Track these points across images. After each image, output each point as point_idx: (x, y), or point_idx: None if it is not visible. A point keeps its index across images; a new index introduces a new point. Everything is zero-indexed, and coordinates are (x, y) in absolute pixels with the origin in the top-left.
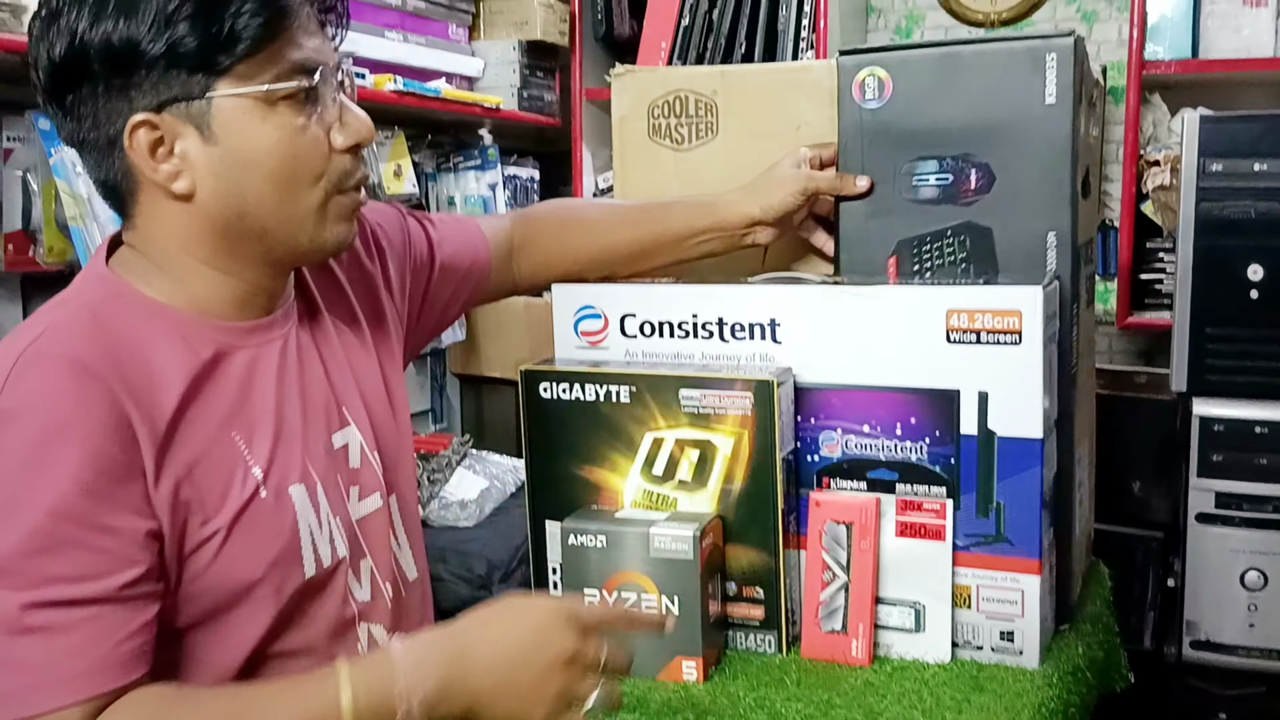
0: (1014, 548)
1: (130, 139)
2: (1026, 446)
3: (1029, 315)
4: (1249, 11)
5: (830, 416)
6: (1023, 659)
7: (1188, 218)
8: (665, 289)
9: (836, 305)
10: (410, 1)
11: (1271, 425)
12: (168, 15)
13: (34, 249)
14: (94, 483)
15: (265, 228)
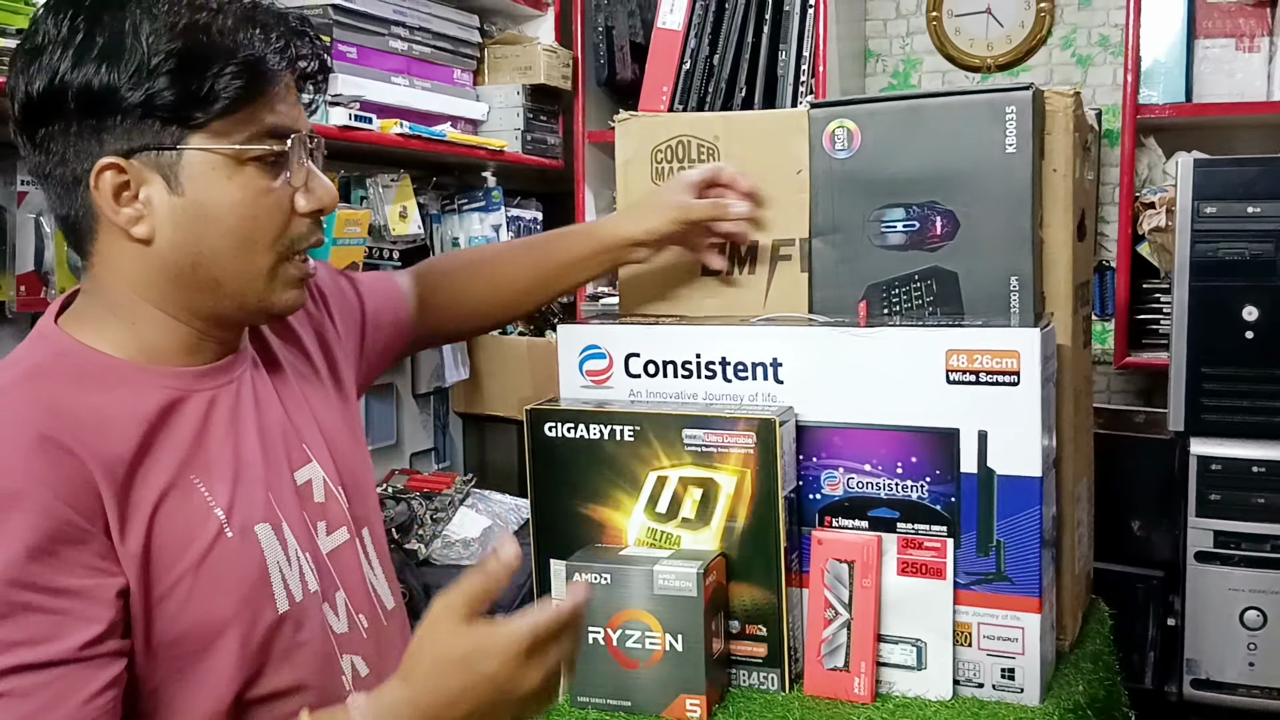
0: (1014, 586)
1: (96, 179)
2: (1026, 485)
3: (1027, 356)
4: (1242, 56)
5: (832, 455)
6: (1023, 696)
7: (1183, 259)
8: (669, 329)
9: (838, 346)
10: (416, 48)
11: (1269, 464)
12: (151, 67)
13: (46, 291)
14: (46, 546)
15: (217, 280)
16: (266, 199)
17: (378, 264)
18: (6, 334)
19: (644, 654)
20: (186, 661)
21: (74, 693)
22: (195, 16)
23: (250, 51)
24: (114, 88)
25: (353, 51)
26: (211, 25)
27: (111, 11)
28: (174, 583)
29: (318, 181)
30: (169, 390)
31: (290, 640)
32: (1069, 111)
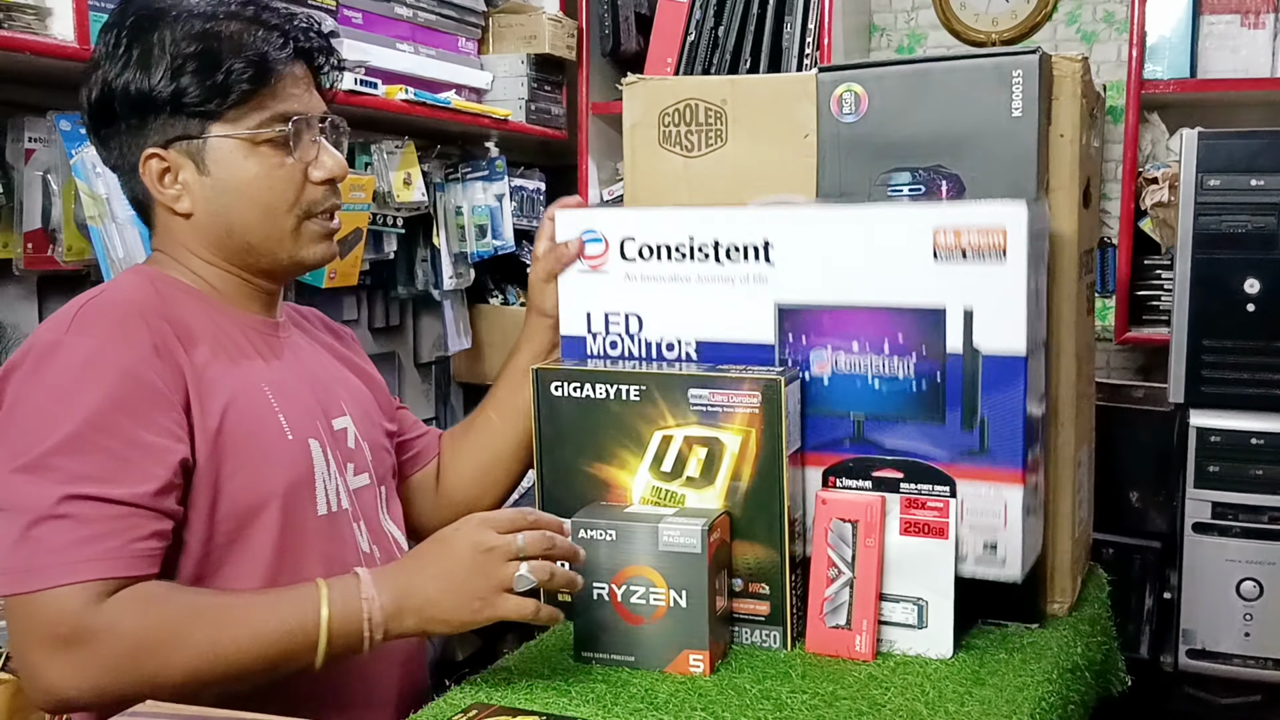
0: (996, 460)
1: (144, 167)
2: (1011, 363)
3: (1014, 232)
4: (1246, 32)
5: (821, 335)
6: (1004, 570)
7: (1186, 232)
8: (663, 212)
9: (827, 226)
10: (422, 15)
11: (1268, 436)
12: (175, 69)
13: (53, 248)
14: (131, 401)
15: (250, 243)
16: (280, 172)
17: (382, 230)
18: (13, 292)
19: (648, 610)
20: (238, 535)
21: (126, 531)
22: (208, 25)
23: (255, 50)
24: (149, 89)
25: (358, 17)
26: (222, 31)
27: (144, 27)
28: (241, 463)
29: (327, 154)
30: (240, 321)
31: (326, 544)
32: (1077, 77)
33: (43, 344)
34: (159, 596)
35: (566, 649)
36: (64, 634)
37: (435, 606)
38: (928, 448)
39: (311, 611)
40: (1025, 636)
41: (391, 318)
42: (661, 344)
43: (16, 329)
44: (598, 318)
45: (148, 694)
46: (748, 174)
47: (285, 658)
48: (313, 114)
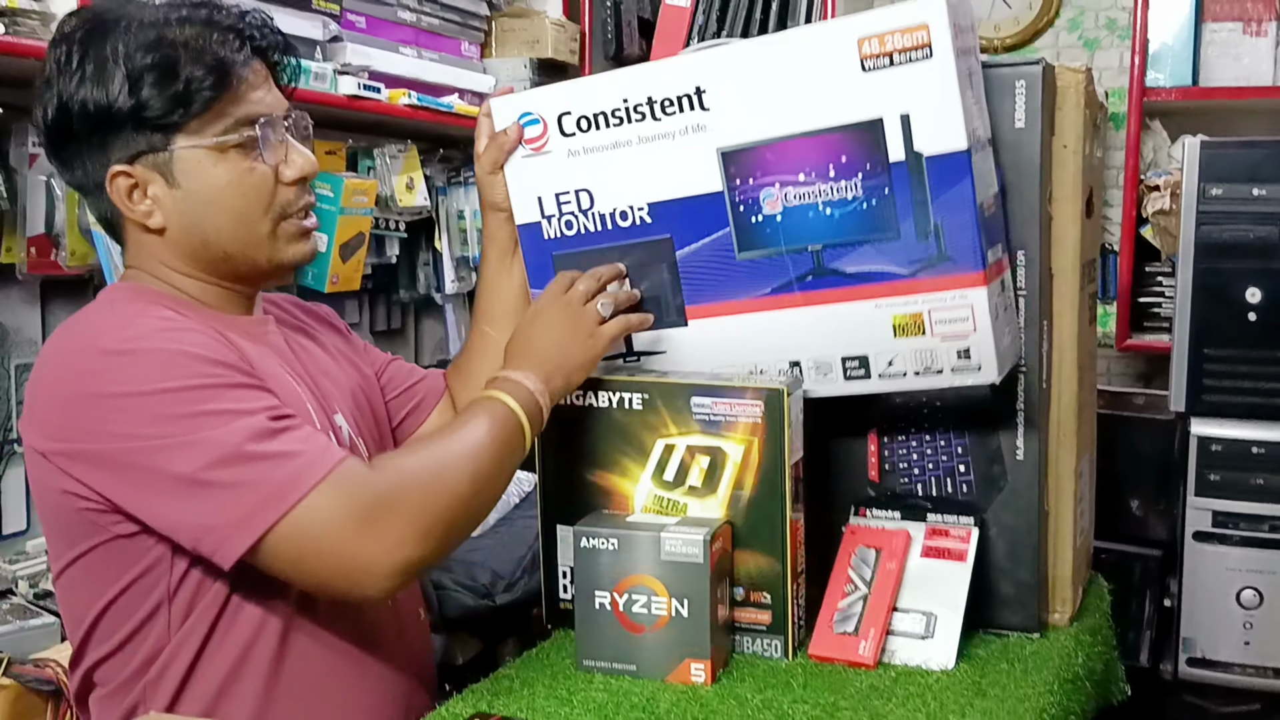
0: (956, 264)
1: (111, 185)
2: (954, 160)
3: (936, 26)
4: (1249, 40)
5: (767, 173)
6: (981, 374)
7: (1188, 241)
8: (594, 79)
9: (753, 59)
10: (425, 19)
11: (1268, 445)
12: (133, 83)
13: (56, 253)
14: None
15: (227, 251)
16: (251, 177)
17: (384, 234)
18: (16, 296)
19: (649, 619)
20: None
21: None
22: (161, 33)
23: (213, 55)
24: (107, 105)
25: (361, 21)
26: (176, 38)
27: (96, 39)
28: None
29: (296, 152)
30: (229, 323)
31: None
32: (1080, 88)
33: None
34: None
35: (568, 657)
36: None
37: (566, 360)
38: (888, 265)
39: (508, 413)
40: (1026, 646)
41: (393, 321)
42: (615, 214)
43: (19, 333)
44: (549, 200)
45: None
46: None
47: (508, 447)
48: (277, 113)
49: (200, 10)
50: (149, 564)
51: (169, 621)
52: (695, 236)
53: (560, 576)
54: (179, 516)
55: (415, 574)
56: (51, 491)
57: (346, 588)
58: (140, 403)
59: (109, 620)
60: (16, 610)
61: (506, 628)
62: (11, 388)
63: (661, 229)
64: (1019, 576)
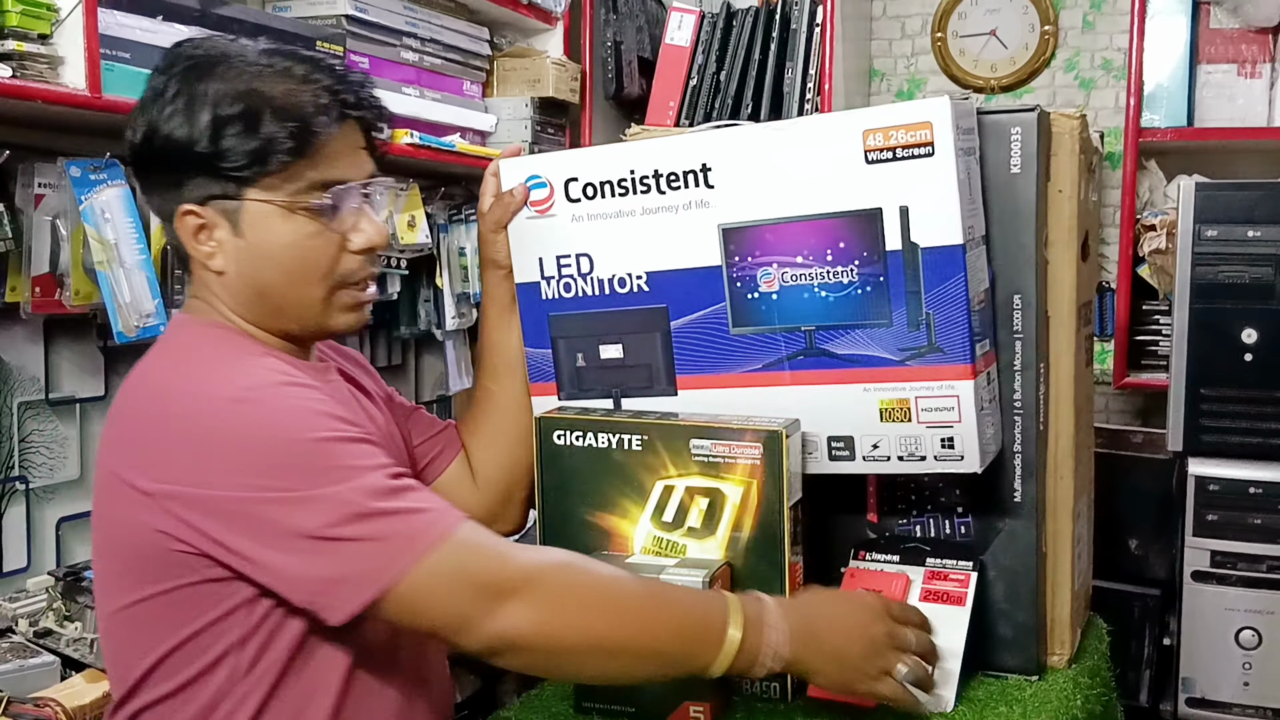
0: (945, 355)
1: (179, 221)
2: (949, 254)
3: (939, 125)
4: (1243, 82)
5: (766, 252)
6: (963, 464)
7: (1183, 282)
8: (601, 149)
9: (761, 142)
10: (427, 59)
11: (1266, 485)
12: (217, 129)
13: (60, 292)
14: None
15: (279, 307)
16: (316, 240)
17: (385, 272)
18: (20, 334)
19: None
20: None
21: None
22: (254, 85)
23: (299, 116)
24: (190, 144)
25: (365, 62)
26: (268, 91)
27: (194, 76)
28: None
29: (368, 221)
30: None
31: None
32: (1075, 133)
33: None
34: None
35: (567, 699)
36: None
37: (825, 665)
38: (879, 350)
39: (720, 622)
40: (1025, 688)
41: (394, 357)
42: (613, 280)
43: (23, 371)
44: (549, 262)
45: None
46: None
47: (688, 654)
48: (355, 180)
49: (300, 67)
50: (230, 608)
51: (234, 668)
52: (691, 308)
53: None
54: (297, 571)
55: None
56: (143, 528)
57: (453, 640)
58: (262, 453)
59: (174, 661)
60: (16, 649)
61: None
62: (15, 426)
63: (658, 298)
64: (1018, 618)
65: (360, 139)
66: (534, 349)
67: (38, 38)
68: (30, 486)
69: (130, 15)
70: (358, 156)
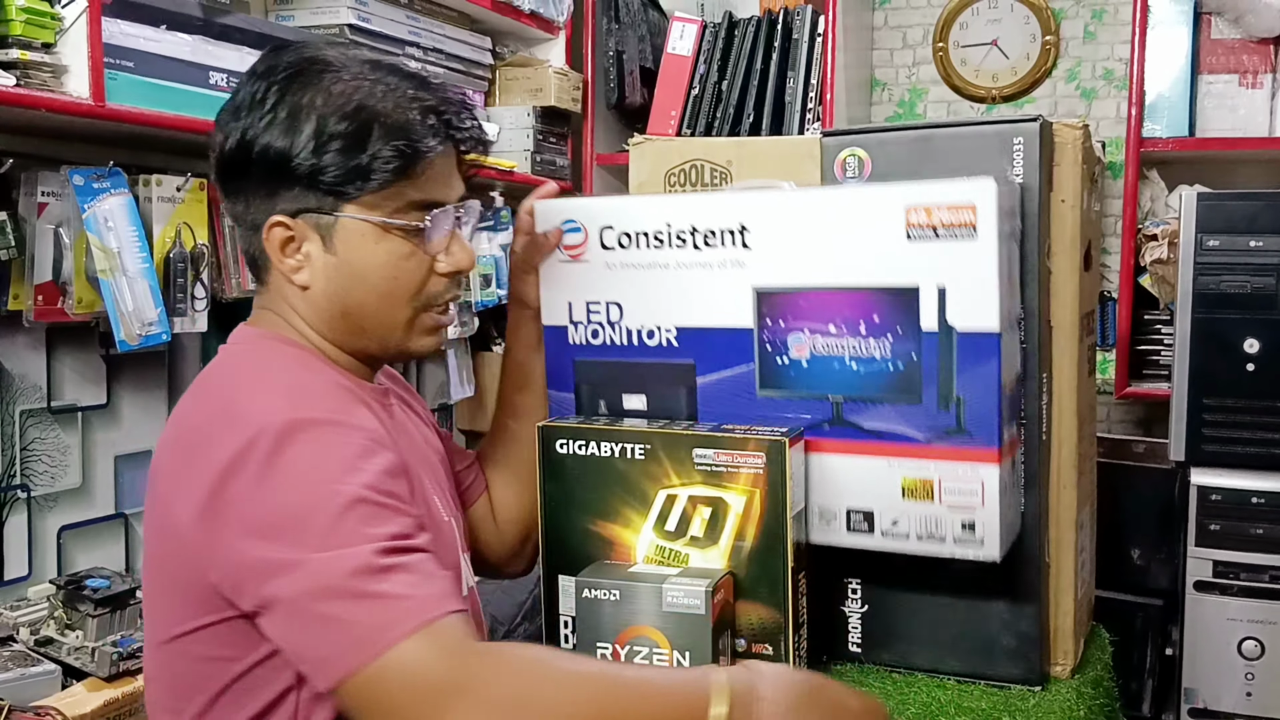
0: (973, 438)
1: (268, 233)
2: (984, 340)
3: (984, 209)
4: (1245, 92)
5: (799, 319)
6: (983, 550)
7: (1185, 292)
8: (640, 200)
9: (802, 209)
10: (430, 68)
11: (1268, 495)
12: (320, 143)
13: (63, 300)
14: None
15: (362, 327)
16: (408, 262)
17: None
18: (22, 342)
19: None
20: None
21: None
22: (362, 100)
23: (405, 137)
24: (288, 156)
25: None
26: (375, 108)
27: (297, 85)
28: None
29: (458, 245)
30: (363, 388)
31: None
32: (1077, 143)
33: (277, 425)
34: (540, 654)
35: None
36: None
37: None
38: (906, 427)
39: (701, 701)
40: (1029, 699)
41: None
42: (642, 332)
43: (25, 379)
44: (579, 307)
45: None
46: None
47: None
48: (451, 203)
49: (407, 85)
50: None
51: (296, 707)
52: (718, 366)
53: (561, 626)
54: (273, 633)
55: None
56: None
57: None
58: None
59: (233, 696)
60: (17, 657)
61: None
62: (16, 434)
63: (686, 354)
64: (1020, 629)
65: (454, 160)
66: (557, 391)
67: (42, 46)
68: (32, 495)
69: (134, 24)
70: (453, 178)
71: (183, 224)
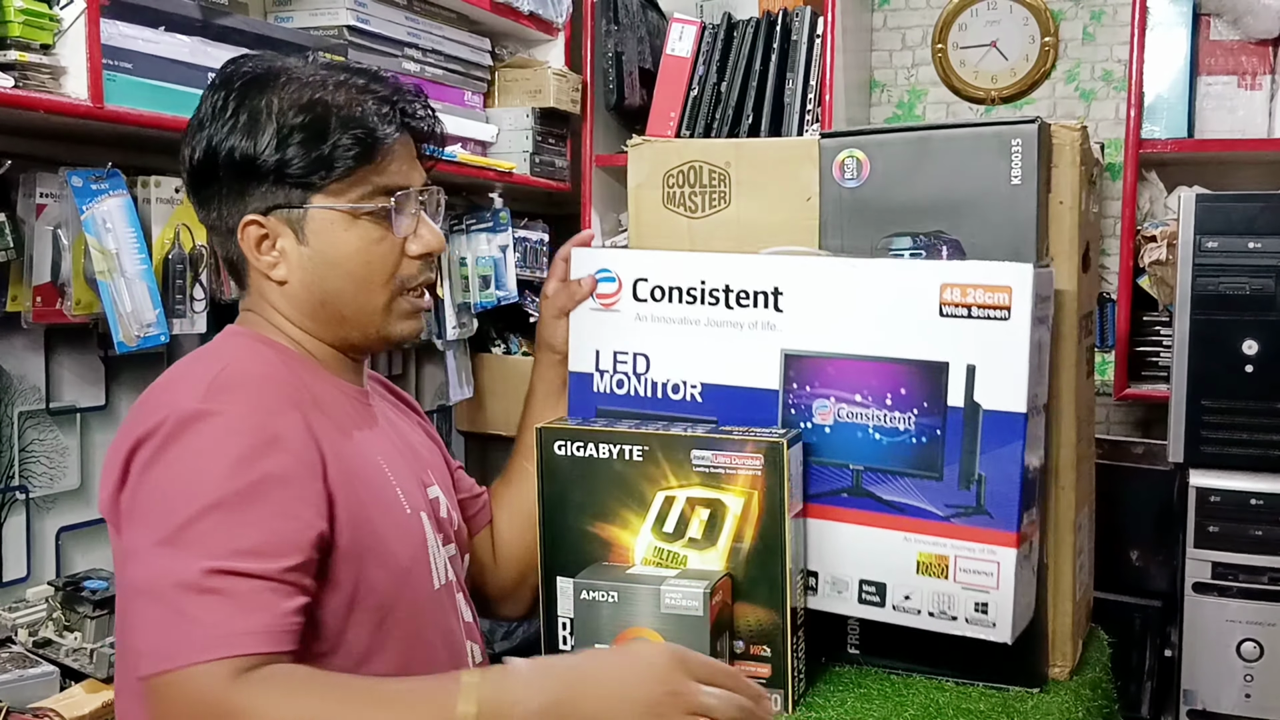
0: (992, 519)
1: (242, 232)
2: (1010, 421)
3: (1019, 292)
4: (1243, 93)
5: (825, 385)
6: (995, 631)
7: (1184, 293)
8: (677, 255)
9: (837, 277)
10: (429, 69)
11: (1267, 497)
12: (281, 139)
13: (61, 302)
14: (276, 472)
15: (342, 314)
16: (379, 246)
17: None
18: (20, 343)
19: None
20: (380, 616)
21: (274, 605)
22: (317, 95)
23: (362, 125)
24: (253, 156)
25: None
26: (330, 101)
27: (254, 91)
28: (375, 541)
29: (426, 228)
30: (339, 386)
31: (441, 617)
32: (1076, 145)
33: (180, 413)
34: (303, 678)
35: None
36: (208, 712)
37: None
38: (925, 502)
39: (448, 704)
40: (1027, 700)
41: (394, 367)
42: (667, 385)
43: (24, 380)
44: (606, 355)
45: None
46: (751, 236)
47: None
48: (414, 188)
49: (359, 78)
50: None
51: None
52: (741, 425)
53: (560, 628)
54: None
55: None
56: None
57: None
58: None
59: None
60: (16, 659)
61: None
62: (15, 435)
63: (709, 410)
64: None
65: (414, 150)
66: None
67: (40, 48)
68: (30, 496)
69: (132, 25)
70: (414, 166)
71: (181, 225)
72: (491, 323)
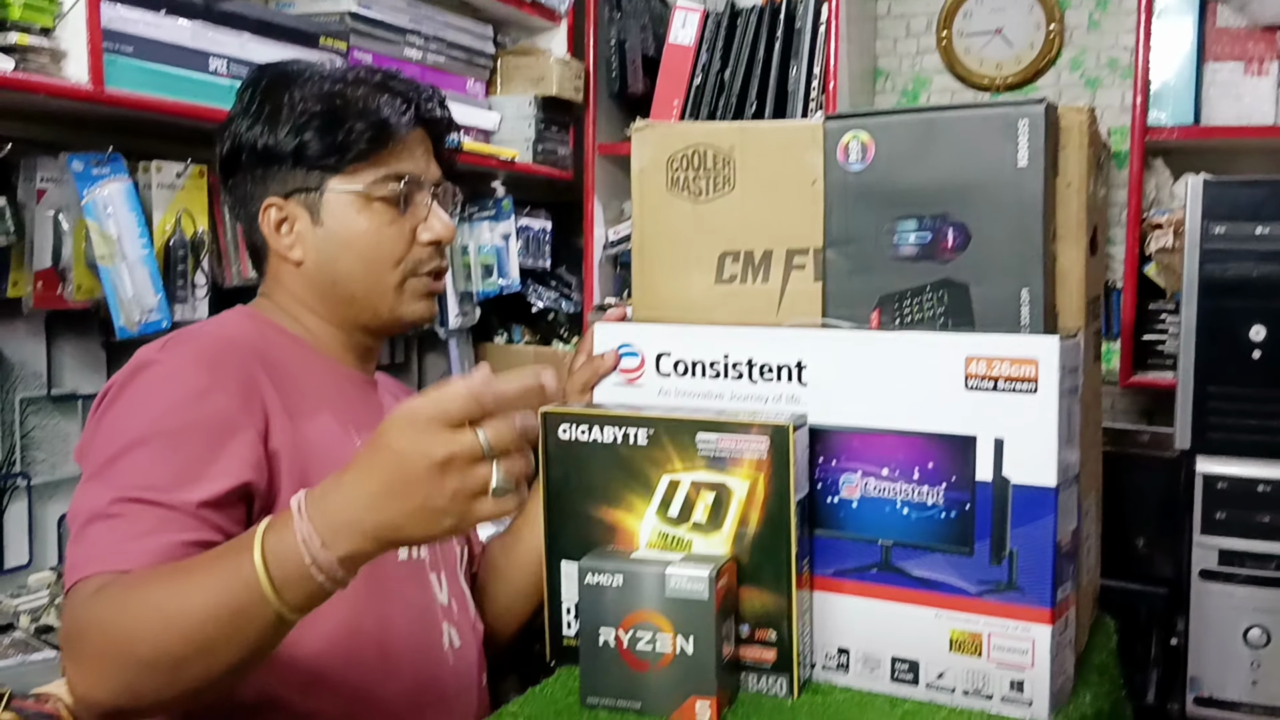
0: (1025, 596)
1: (263, 215)
2: (1040, 495)
3: (1045, 364)
4: (1250, 80)
5: (851, 459)
6: (1032, 710)
7: (1191, 279)
8: (700, 330)
9: (860, 350)
10: (431, 56)
11: (1274, 484)
12: (299, 126)
13: (62, 287)
14: (198, 419)
15: (353, 295)
16: (390, 229)
17: None
18: (22, 329)
19: (654, 656)
20: None
21: (169, 532)
22: (335, 87)
23: (377, 114)
24: (274, 143)
25: (368, 58)
26: (348, 93)
27: (277, 89)
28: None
29: (436, 217)
30: (335, 369)
31: (408, 589)
32: (1083, 127)
33: (135, 363)
34: (131, 579)
35: (572, 694)
36: (71, 629)
37: (392, 529)
38: (955, 579)
39: (246, 554)
40: None
41: (397, 355)
42: None
43: (24, 366)
44: None
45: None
46: (755, 219)
47: (238, 614)
48: (427, 177)
49: (375, 75)
50: None
51: None
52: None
53: (564, 613)
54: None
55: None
56: None
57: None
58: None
59: None
60: (18, 645)
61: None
62: (16, 422)
63: None
64: None
65: (430, 146)
66: None
67: (40, 31)
68: (32, 483)
69: (133, 9)
70: (428, 161)
71: (183, 210)
72: (494, 311)
